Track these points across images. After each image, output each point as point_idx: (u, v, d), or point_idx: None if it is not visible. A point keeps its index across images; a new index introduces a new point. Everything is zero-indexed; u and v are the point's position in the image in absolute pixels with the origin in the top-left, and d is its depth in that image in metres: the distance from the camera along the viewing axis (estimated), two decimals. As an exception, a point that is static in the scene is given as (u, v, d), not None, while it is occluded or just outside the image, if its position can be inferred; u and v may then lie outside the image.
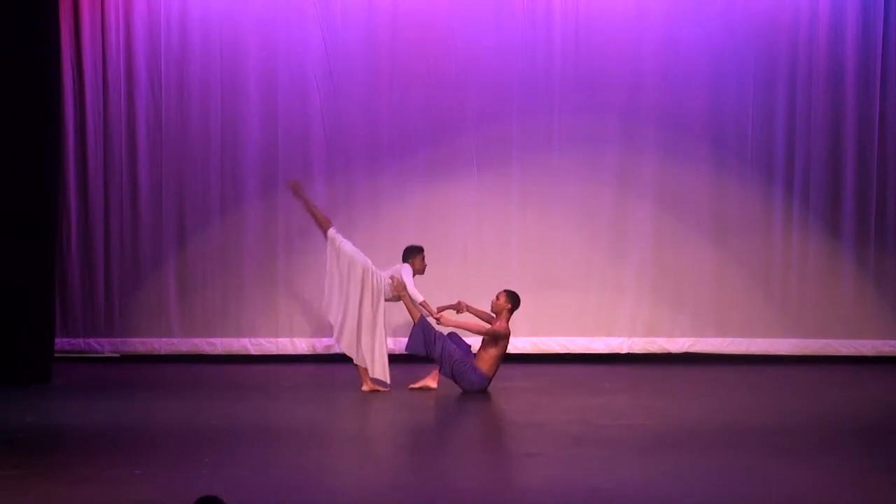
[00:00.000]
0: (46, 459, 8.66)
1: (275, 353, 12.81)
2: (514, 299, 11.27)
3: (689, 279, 13.07)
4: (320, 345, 13.00)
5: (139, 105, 12.93)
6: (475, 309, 11.52)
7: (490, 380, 11.13)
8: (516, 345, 13.00)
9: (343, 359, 12.93)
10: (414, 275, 11.30)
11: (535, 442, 9.31)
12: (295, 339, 12.99)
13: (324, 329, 12.98)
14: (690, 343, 13.08)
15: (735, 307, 13.06)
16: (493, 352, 11.15)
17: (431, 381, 11.22)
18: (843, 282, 13.09)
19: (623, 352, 13.10)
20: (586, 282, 13.07)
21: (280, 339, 12.95)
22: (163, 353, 12.98)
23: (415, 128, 13.04)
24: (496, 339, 11.15)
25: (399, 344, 12.30)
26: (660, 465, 8.49)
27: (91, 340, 12.99)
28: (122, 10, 12.89)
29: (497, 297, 11.30)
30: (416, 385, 11.22)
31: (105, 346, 12.99)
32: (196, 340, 12.93)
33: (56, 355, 12.06)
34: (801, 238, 13.09)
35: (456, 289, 12.15)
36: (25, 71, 11.48)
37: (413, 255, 11.37)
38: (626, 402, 10.88)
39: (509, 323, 11.22)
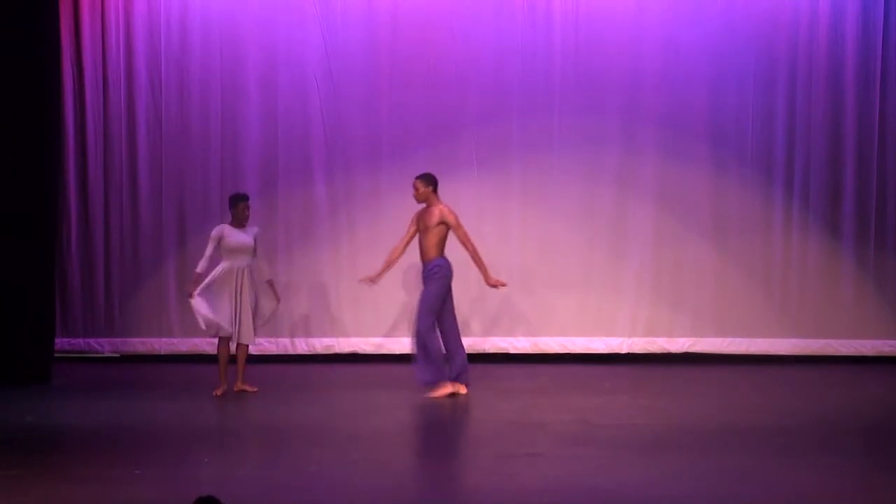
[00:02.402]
0: (46, 459, 8.67)
1: (275, 353, 12.80)
2: (429, 179, 11.13)
3: (689, 279, 13.06)
4: (320, 345, 13.01)
5: (139, 105, 12.93)
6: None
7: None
8: (517, 345, 13.03)
9: (344, 359, 12.98)
10: (233, 224, 11.14)
11: (535, 442, 9.31)
12: (295, 339, 13.00)
13: (323, 329, 12.99)
14: (690, 343, 13.08)
15: (735, 307, 13.05)
16: (441, 241, 11.04)
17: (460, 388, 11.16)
18: (843, 282, 13.08)
19: (623, 352, 13.10)
20: (586, 282, 13.07)
21: (280, 339, 12.94)
22: (163, 353, 12.98)
23: (415, 128, 13.04)
24: (437, 231, 11.02)
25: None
26: (660, 465, 8.50)
27: (91, 340, 12.99)
28: (122, 10, 12.90)
29: (415, 187, 11.12)
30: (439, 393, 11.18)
31: (105, 346, 13.00)
32: (196, 340, 12.91)
33: (56, 355, 12.07)
34: (801, 238, 13.08)
35: (455, 288, 12.11)
36: (25, 71, 11.49)
37: (232, 204, 11.24)
38: (626, 402, 10.89)
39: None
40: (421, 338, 10.97)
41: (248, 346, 11.15)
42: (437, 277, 11.01)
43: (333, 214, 13.09)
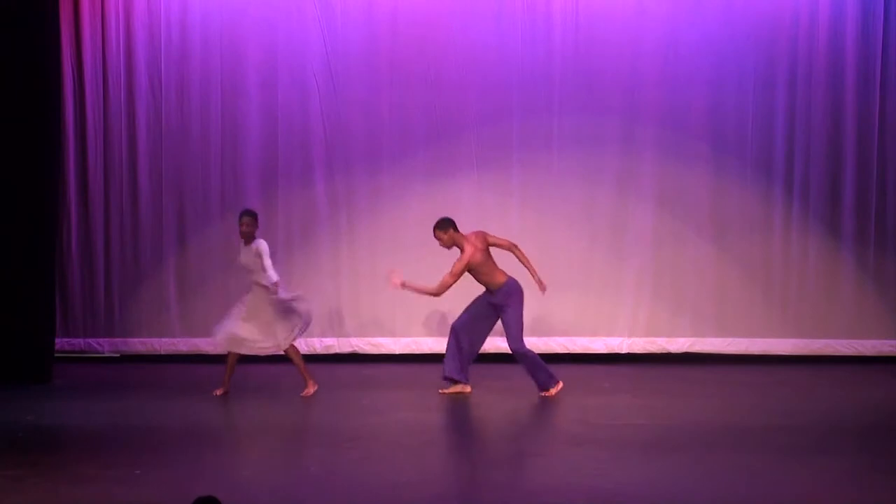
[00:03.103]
0: (46, 459, 8.67)
1: (275, 353, 12.78)
2: (447, 223, 11.06)
3: (689, 279, 13.06)
4: (320, 345, 13.00)
5: (139, 105, 12.93)
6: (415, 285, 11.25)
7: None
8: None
9: (343, 359, 12.97)
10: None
11: (535, 442, 9.31)
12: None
13: (323, 329, 12.98)
14: (690, 343, 13.08)
15: (735, 307, 13.05)
16: (490, 267, 11.06)
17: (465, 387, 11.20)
18: (843, 282, 13.08)
19: (623, 352, 13.10)
20: (586, 282, 13.07)
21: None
22: (163, 353, 12.98)
23: (415, 128, 13.04)
24: (475, 267, 11.01)
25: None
26: (660, 465, 8.50)
27: (91, 340, 12.99)
28: (122, 10, 12.89)
29: (438, 238, 11.04)
30: (449, 390, 11.19)
31: (105, 346, 13.00)
32: (196, 340, 12.92)
33: (56, 355, 12.07)
34: (801, 238, 13.08)
35: (456, 288, 12.12)
36: (25, 71, 11.48)
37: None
38: (626, 402, 10.89)
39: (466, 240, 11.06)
40: (526, 358, 11.06)
41: (291, 350, 11.09)
42: (512, 300, 11.04)
43: (333, 214, 13.09)
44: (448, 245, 11.15)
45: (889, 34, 12.92)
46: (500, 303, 11.04)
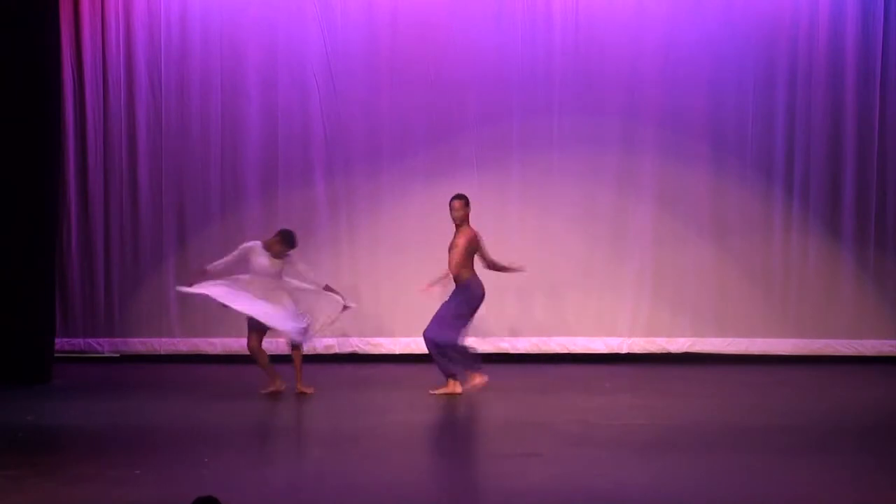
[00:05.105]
0: (46, 459, 8.66)
1: (275, 353, 12.78)
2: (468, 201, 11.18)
3: (689, 279, 13.06)
4: (320, 345, 12.99)
5: (139, 105, 12.93)
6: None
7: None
8: (517, 345, 13.03)
9: (342, 359, 12.98)
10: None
11: (535, 442, 9.30)
12: (295, 339, 12.98)
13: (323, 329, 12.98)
14: (690, 343, 13.08)
15: (735, 307, 13.05)
16: (470, 262, 11.14)
17: (455, 387, 11.15)
18: (843, 282, 13.08)
19: (623, 352, 13.10)
20: (586, 282, 13.06)
21: (280, 339, 12.91)
22: (163, 353, 12.98)
23: (415, 128, 13.04)
24: (469, 252, 11.13)
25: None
26: (660, 465, 8.49)
27: (91, 340, 12.99)
28: (122, 10, 12.90)
29: (457, 208, 11.10)
30: (439, 391, 11.17)
31: (105, 346, 13.00)
32: (196, 340, 12.93)
33: (56, 355, 12.06)
34: (801, 238, 13.08)
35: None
36: (25, 71, 11.48)
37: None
38: (626, 402, 10.89)
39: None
40: (436, 347, 11.13)
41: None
42: (462, 295, 11.13)
43: (333, 214, 13.10)
44: (460, 219, 11.11)
45: (889, 34, 12.92)
46: (454, 294, 11.08)
